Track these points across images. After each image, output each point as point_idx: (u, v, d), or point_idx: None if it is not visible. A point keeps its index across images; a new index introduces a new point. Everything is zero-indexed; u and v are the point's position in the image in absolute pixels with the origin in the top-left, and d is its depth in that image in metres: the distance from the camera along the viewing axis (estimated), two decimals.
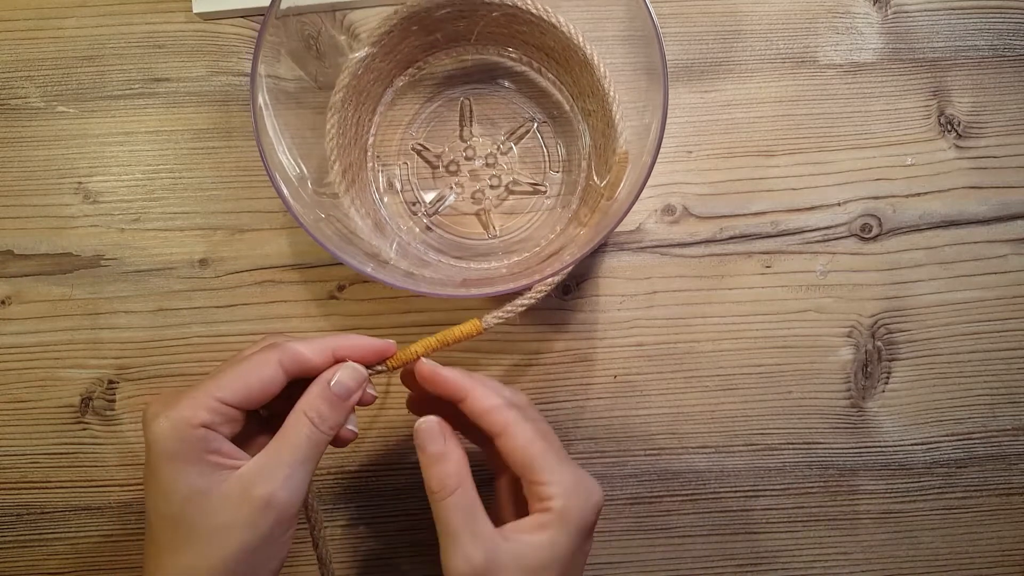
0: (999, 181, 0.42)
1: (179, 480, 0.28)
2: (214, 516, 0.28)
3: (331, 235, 0.34)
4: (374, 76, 0.39)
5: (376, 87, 0.41)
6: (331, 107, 0.37)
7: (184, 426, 0.28)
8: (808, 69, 0.43)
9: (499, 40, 0.41)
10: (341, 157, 0.38)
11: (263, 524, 0.28)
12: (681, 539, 0.41)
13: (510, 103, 0.42)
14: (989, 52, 0.43)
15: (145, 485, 0.29)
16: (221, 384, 0.29)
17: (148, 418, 0.29)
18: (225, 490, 0.28)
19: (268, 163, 0.32)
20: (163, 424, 0.28)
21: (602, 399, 0.41)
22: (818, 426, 0.41)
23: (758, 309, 0.41)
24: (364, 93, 0.39)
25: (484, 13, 0.38)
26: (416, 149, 0.42)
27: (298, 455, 0.29)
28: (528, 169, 0.42)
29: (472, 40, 0.41)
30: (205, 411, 0.28)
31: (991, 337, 0.42)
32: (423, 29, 0.39)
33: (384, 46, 0.38)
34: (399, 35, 0.38)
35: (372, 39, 0.38)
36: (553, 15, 0.37)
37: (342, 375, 0.31)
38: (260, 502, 0.28)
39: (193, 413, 0.28)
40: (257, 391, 0.30)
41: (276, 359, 0.30)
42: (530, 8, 0.37)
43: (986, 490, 0.41)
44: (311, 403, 0.30)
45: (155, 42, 0.42)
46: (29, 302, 0.41)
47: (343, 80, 0.37)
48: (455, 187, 0.42)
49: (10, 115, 0.42)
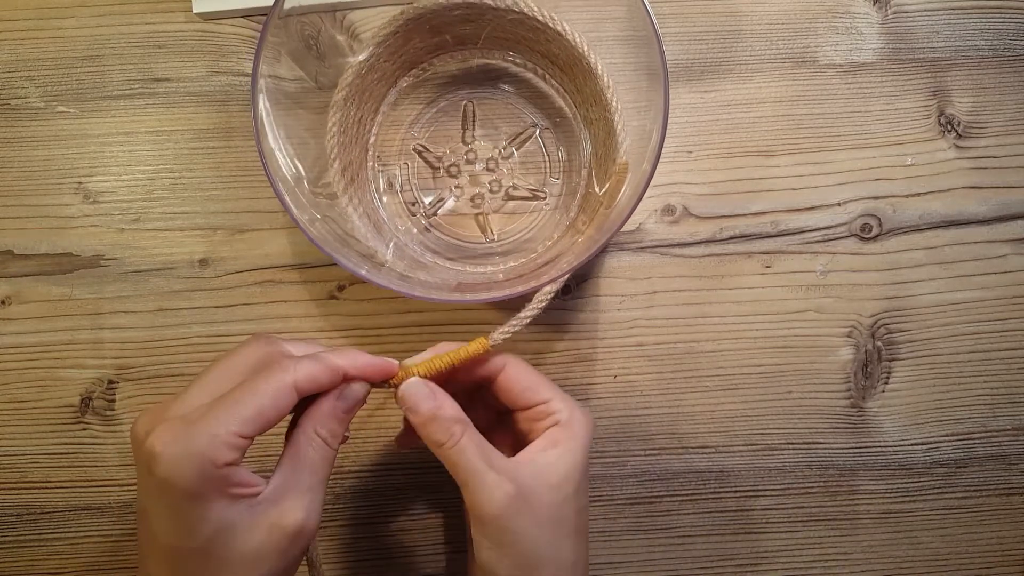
0: (999, 181, 0.42)
1: (204, 517, 0.27)
2: (245, 547, 0.27)
3: (327, 236, 0.33)
4: (378, 76, 0.39)
5: (380, 87, 0.40)
6: (333, 105, 0.37)
7: (207, 465, 0.26)
8: (808, 69, 0.43)
9: (505, 45, 0.41)
10: (341, 155, 0.38)
11: (292, 551, 0.28)
12: (681, 539, 0.41)
13: (513, 108, 0.42)
14: (989, 52, 0.43)
15: (151, 512, 0.28)
16: (236, 415, 0.27)
17: (157, 451, 0.27)
18: (253, 522, 0.28)
19: (266, 160, 0.32)
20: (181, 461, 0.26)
21: (602, 399, 0.41)
22: (818, 426, 0.41)
23: (758, 309, 0.41)
24: (367, 92, 0.39)
25: (491, 18, 0.38)
26: (417, 150, 0.42)
27: (317, 477, 0.29)
28: (528, 175, 0.42)
29: (478, 44, 0.41)
30: (227, 449, 0.27)
31: (991, 337, 0.42)
32: (429, 31, 0.39)
33: (389, 46, 0.38)
34: (404, 36, 0.38)
35: (378, 39, 0.37)
36: (559, 22, 0.37)
37: (351, 391, 0.31)
38: (293, 532, 0.28)
39: (216, 453, 0.26)
40: (273, 419, 0.28)
41: (291, 384, 0.28)
42: (536, 15, 0.37)
43: (986, 490, 0.41)
44: (322, 422, 0.30)
45: (155, 42, 0.42)
46: (29, 302, 0.41)
47: (347, 79, 0.37)
48: (455, 189, 0.42)
49: (10, 115, 0.42)
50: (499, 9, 0.37)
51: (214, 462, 0.26)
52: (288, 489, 0.29)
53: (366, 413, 0.41)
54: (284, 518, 0.28)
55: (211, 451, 0.26)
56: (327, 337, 0.41)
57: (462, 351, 0.33)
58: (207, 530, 0.27)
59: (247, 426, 0.27)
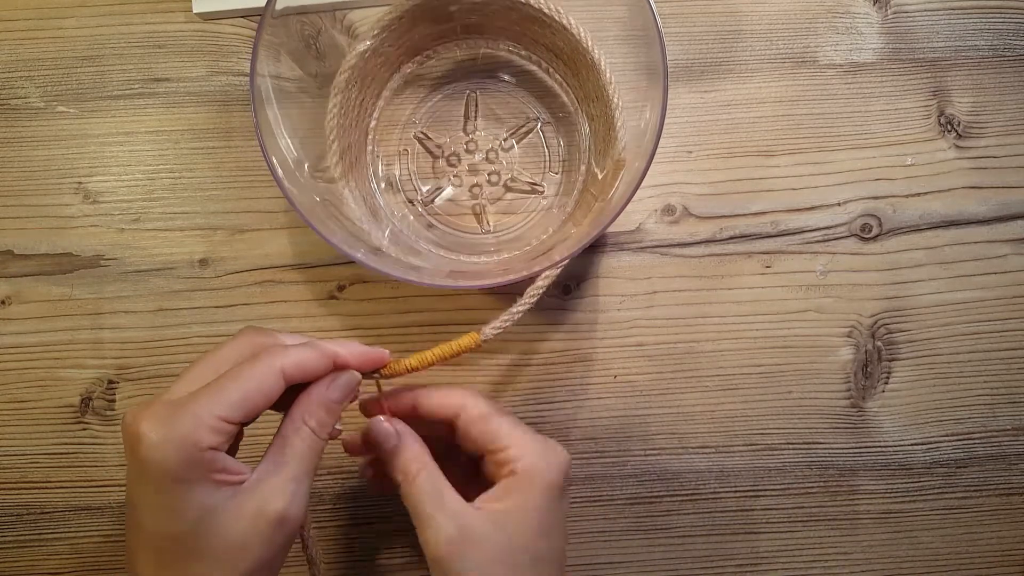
0: (999, 181, 0.42)
1: (187, 500, 0.27)
2: (228, 534, 0.27)
3: (324, 219, 0.33)
4: (381, 60, 0.39)
5: (383, 71, 0.40)
6: (335, 87, 0.37)
7: (190, 448, 0.27)
8: (808, 69, 0.43)
9: (510, 36, 0.41)
10: (340, 138, 0.37)
11: (278, 539, 0.28)
12: (681, 539, 0.41)
13: (515, 100, 0.42)
14: (989, 52, 0.43)
15: (137, 498, 0.28)
16: (222, 400, 0.27)
17: (143, 434, 0.27)
18: (237, 508, 0.28)
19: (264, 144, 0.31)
20: (165, 444, 0.27)
21: (602, 399, 0.41)
22: (818, 426, 0.41)
23: (758, 309, 0.41)
24: (370, 76, 0.39)
25: (497, 8, 0.38)
26: (418, 137, 0.42)
27: (303, 467, 0.29)
28: (528, 168, 0.42)
29: (483, 35, 0.41)
30: (211, 432, 0.27)
31: (991, 337, 0.42)
32: (435, 19, 0.39)
33: (394, 31, 0.38)
34: (410, 21, 0.38)
35: (383, 23, 0.37)
36: (565, 16, 0.37)
37: (341, 381, 0.31)
38: (275, 520, 0.28)
39: (199, 436, 0.27)
40: (261, 405, 0.28)
41: (279, 369, 0.29)
42: (542, 7, 0.37)
43: (986, 490, 0.41)
44: (311, 411, 0.30)
45: (155, 42, 0.42)
46: (29, 302, 0.41)
47: (349, 60, 0.37)
48: (453, 179, 0.42)
49: (10, 115, 0.42)
50: (506, 0, 0.37)
51: (197, 445, 0.27)
52: (272, 477, 0.29)
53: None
54: (267, 505, 0.28)
55: (194, 434, 0.27)
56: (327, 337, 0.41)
57: (453, 345, 0.33)
58: (191, 515, 0.27)
59: (232, 410, 0.27)
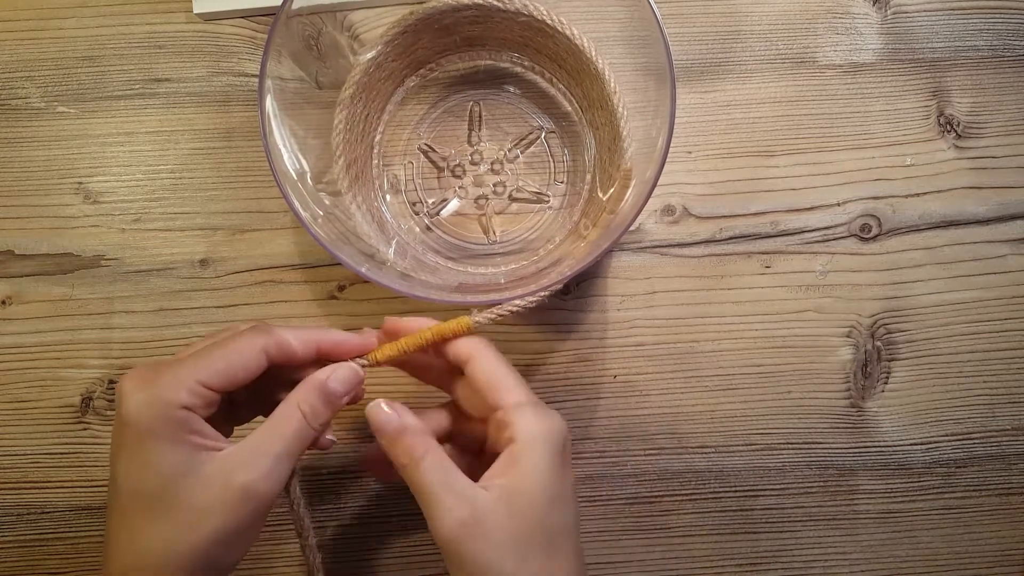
0: (999, 181, 0.42)
1: (158, 458, 0.28)
2: (194, 497, 0.28)
3: (328, 233, 0.34)
4: (386, 74, 0.39)
5: (387, 85, 0.40)
6: (340, 102, 0.37)
7: (166, 405, 0.28)
8: (808, 69, 0.43)
9: (513, 47, 0.41)
10: (346, 152, 0.38)
11: (242, 511, 0.28)
12: (681, 539, 0.41)
13: (519, 110, 0.42)
14: (989, 52, 0.43)
15: (115, 456, 0.29)
16: (204, 366, 0.29)
17: (125, 392, 0.28)
18: (206, 473, 0.28)
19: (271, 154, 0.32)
20: (143, 401, 0.28)
21: (602, 399, 0.41)
22: (817, 426, 0.41)
23: (758, 309, 0.41)
24: (374, 90, 0.39)
25: (499, 20, 0.38)
26: (423, 149, 0.42)
27: (284, 447, 0.29)
28: (533, 177, 0.42)
29: (486, 46, 0.41)
30: (187, 392, 0.28)
31: (991, 337, 0.42)
32: (438, 31, 0.39)
33: (398, 45, 0.38)
34: (413, 35, 0.38)
35: (386, 37, 0.37)
36: (568, 26, 0.37)
37: (340, 372, 0.31)
38: (240, 490, 0.28)
39: (175, 394, 0.28)
40: (240, 376, 0.29)
41: (261, 345, 0.30)
42: (545, 18, 0.37)
43: (986, 490, 0.42)
44: (306, 396, 0.30)
45: (155, 42, 0.42)
46: (30, 302, 0.41)
47: (354, 76, 0.37)
48: (459, 190, 0.42)
49: (10, 115, 0.42)
50: (508, 11, 0.37)
51: (172, 403, 0.28)
52: (251, 450, 0.29)
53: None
54: (236, 475, 0.28)
55: (171, 393, 0.28)
56: None
57: (444, 327, 0.32)
58: (162, 472, 0.28)
59: (213, 377, 0.28)
